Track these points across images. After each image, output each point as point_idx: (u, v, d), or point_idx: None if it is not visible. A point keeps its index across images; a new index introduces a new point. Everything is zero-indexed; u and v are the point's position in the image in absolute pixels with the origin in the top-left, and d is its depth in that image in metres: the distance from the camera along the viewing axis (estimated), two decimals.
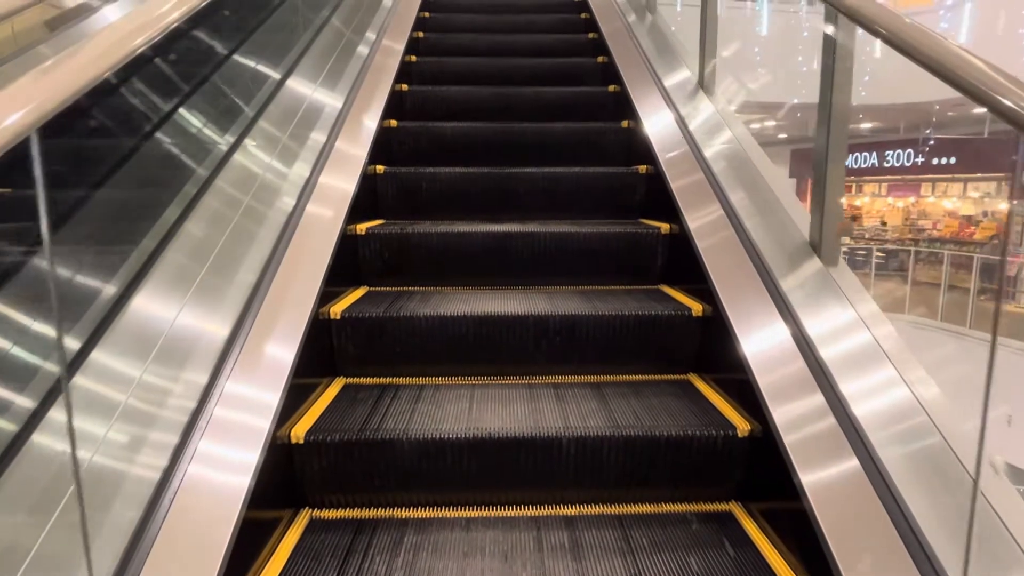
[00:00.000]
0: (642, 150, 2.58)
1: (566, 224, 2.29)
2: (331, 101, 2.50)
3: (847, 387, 1.32)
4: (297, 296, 1.66)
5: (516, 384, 1.79)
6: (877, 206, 17.16)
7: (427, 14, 4.05)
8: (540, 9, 4.49)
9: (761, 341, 1.52)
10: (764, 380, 1.43)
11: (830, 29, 1.57)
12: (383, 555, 1.32)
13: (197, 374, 1.32)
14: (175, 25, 1.13)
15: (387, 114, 2.74)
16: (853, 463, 1.18)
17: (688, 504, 1.49)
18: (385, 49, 3.20)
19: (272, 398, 1.37)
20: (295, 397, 1.49)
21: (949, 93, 0.98)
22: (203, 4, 1.29)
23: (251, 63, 2.28)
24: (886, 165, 14.76)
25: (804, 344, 1.46)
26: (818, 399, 1.34)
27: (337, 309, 1.80)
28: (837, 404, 1.30)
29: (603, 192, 2.55)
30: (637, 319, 1.82)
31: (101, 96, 1.11)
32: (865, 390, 1.32)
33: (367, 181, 2.37)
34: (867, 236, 15.88)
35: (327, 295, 1.80)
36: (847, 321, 1.49)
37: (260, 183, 1.87)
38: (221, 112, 2.03)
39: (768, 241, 1.78)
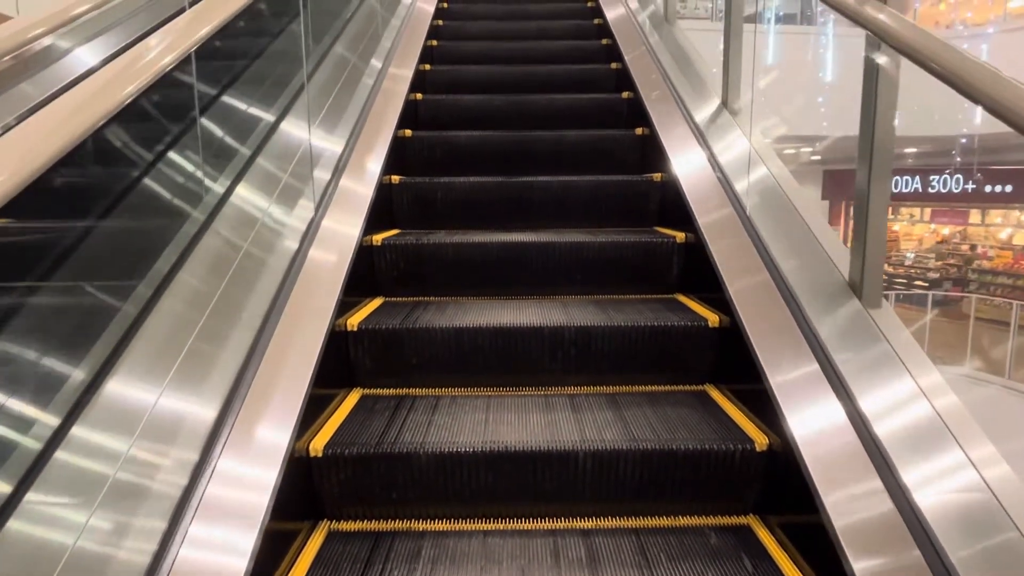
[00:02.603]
0: (656, 158, 2.58)
1: (580, 232, 2.29)
2: (346, 116, 2.52)
3: (865, 399, 1.31)
4: (315, 308, 1.67)
5: (532, 395, 1.79)
6: (918, 231, 15.46)
7: (441, 22, 4.08)
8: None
9: (778, 352, 1.52)
10: (782, 392, 1.43)
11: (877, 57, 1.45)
12: (401, 568, 1.33)
13: (221, 383, 1.34)
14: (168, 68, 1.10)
15: (401, 124, 2.76)
16: (877, 483, 1.18)
17: (706, 517, 1.49)
18: (397, 63, 3.22)
19: (291, 410, 1.38)
20: (314, 409, 1.50)
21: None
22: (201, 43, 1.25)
23: (275, 77, 2.30)
24: (931, 191, 13.63)
25: (820, 351, 1.45)
26: (837, 411, 1.33)
27: (354, 321, 1.82)
28: (857, 418, 1.29)
29: (617, 200, 2.55)
30: (653, 330, 1.82)
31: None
32: (888, 403, 1.32)
33: (382, 191, 2.39)
34: (907, 263, 14.08)
35: (344, 306, 1.82)
36: (863, 327, 1.48)
37: (275, 200, 1.89)
38: (244, 111, 2.05)
39: (785, 250, 1.77)
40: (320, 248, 1.86)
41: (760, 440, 1.46)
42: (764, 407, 1.47)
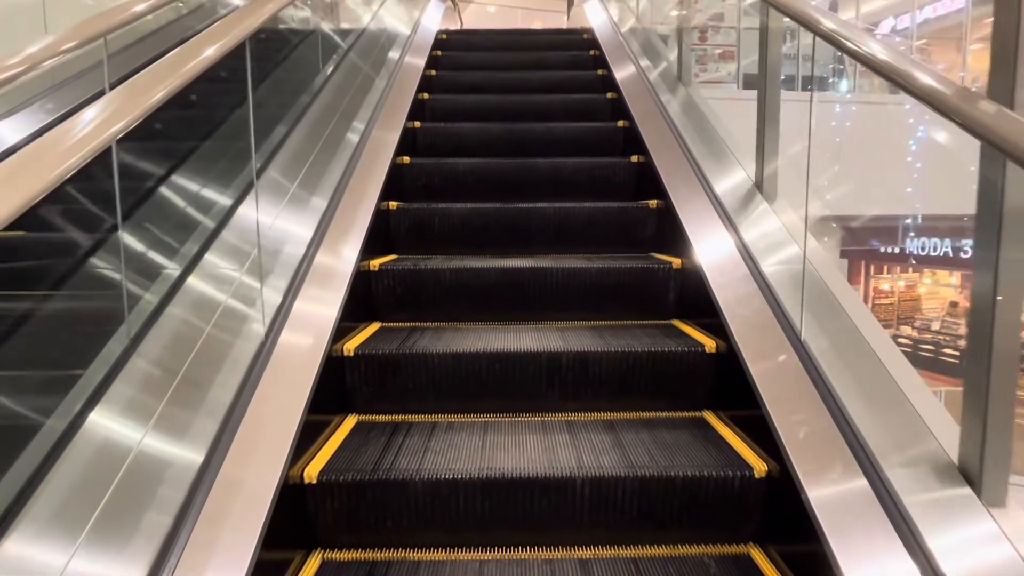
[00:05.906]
0: (651, 184, 2.60)
1: (577, 258, 2.30)
2: (346, 142, 2.54)
3: (864, 424, 1.31)
4: (312, 333, 1.67)
5: (529, 421, 1.78)
6: (943, 293, 13.91)
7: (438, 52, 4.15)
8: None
9: (774, 376, 1.51)
10: (780, 418, 1.42)
11: None
12: None
13: (216, 407, 1.33)
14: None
15: (399, 151, 2.79)
16: (878, 509, 1.16)
17: (705, 546, 1.47)
18: (397, 90, 3.26)
19: (286, 436, 1.37)
20: (309, 435, 1.48)
21: None
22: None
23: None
24: (962, 256, 13.06)
25: (816, 375, 1.45)
26: (836, 437, 1.32)
27: (351, 346, 1.81)
28: (855, 443, 1.28)
29: (614, 226, 2.57)
30: (649, 355, 1.81)
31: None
32: (880, 419, 1.31)
33: (380, 217, 2.40)
34: (933, 328, 12.58)
35: (341, 331, 1.81)
36: (861, 351, 1.48)
37: (270, 229, 1.90)
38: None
39: (779, 274, 1.78)
40: (317, 275, 1.86)
41: (759, 467, 1.45)
42: (762, 433, 1.47)
